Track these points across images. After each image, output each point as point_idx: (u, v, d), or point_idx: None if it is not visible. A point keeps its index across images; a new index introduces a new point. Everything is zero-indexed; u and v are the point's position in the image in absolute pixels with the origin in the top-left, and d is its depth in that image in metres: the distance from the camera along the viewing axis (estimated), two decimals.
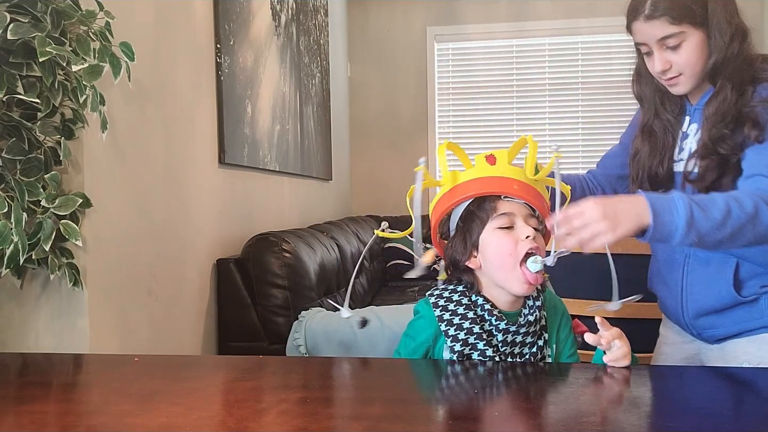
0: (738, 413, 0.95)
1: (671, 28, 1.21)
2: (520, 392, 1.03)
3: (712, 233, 1.08)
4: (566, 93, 4.61)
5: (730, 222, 1.08)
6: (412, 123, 4.77)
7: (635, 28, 1.26)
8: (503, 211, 1.12)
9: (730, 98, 1.21)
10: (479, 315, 1.14)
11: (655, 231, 1.06)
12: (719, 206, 1.09)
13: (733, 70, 1.22)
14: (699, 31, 1.22)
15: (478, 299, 1.15)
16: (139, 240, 1.78)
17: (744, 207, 1.09)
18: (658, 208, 1.07)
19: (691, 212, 1.07)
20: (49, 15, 1.32)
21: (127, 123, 1.71)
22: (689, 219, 1.06)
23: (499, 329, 1.13)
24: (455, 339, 1.13)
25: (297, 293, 2.32)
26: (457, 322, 1.13)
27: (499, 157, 1.14)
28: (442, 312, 1.15)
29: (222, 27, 2.32)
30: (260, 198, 2.77)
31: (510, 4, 4.62)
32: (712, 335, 1.32)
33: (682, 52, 1.23)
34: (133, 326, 1.74)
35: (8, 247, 1.31)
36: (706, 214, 1.07)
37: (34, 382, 1.13)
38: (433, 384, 1.12)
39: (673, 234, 1.07)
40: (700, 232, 1.07)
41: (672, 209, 1.07)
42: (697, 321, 1.32)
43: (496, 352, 1.13)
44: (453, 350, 1.13)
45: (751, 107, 1.20)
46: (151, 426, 0.86)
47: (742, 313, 1.27)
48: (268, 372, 1.16)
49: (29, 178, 1.36)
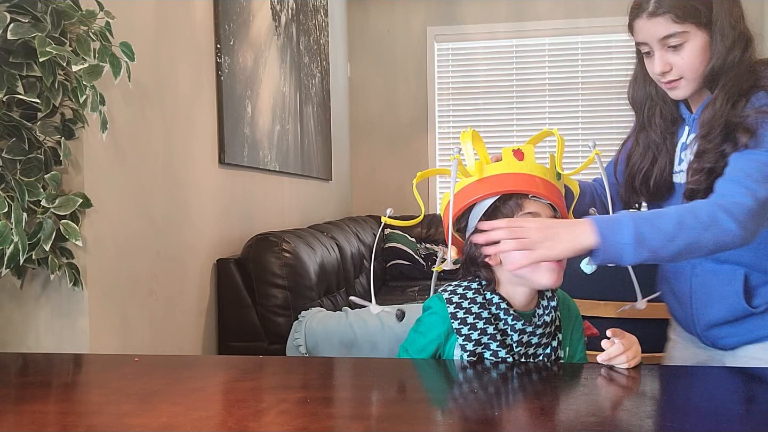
0: (751, 413, 0.95)
1: (674, 27, 1.18)
2: (521, 392, 1.03)
3: (666, 246, 1.06)
4: (566, 93, 4.61)
5: (683, 233, 1.06)
6: (412, 123, 4.77)
7: (637, 26, 1.23)
8: (529, 210, 1.11)
9: (723, 107, 1.17)
10: (494, 314, 1.13)
11: (603, 251, 1.04)
12: (671, 218, 1.07)
13: (733, 78, 1.18)
14: (702, 33, 1.18)
15: (494, 297, 1.14)
16: (139, 240, 1.78)
17: (698, 216, 1.07)
18: (603, 229, 1.05)
19: (638, 228, 1.05)
20: (49, 15, 1.32)
21: (127, 123, 1.71)
22: (637, 235, 1.04)
23: (515, 329, 1.12)
24: (468, 339, 1.12)
25: (297, 293, 2.32)
26: (471, 322, 1.12)
27: (526, 153, 1.13)
28: (456, 309, 1.13)
29: (222, 27, 2.32)
30: (260, 198, 2.77)
31: (510, 4, 4.62)
32: (726, 344, 1.29)
33: (683, 54, 1.19)
34: (133, 326, 1.74)
35: (8, 247, 1.30)
36: (655, 227, 1.06)
37: (35, 382, 1.13)
38: (433, 384, 1.12)
39: (622, 253, 1.05)
40: (652, 246, 1.05)
41: (617, 228, 1.05)
42: (709, 332, 1.30)
43: (510, 352, 1.12)
44: (465, 349, 1.12)
45: (742, 117, 1.15)
46: (151, 426, 0.86)
47: (756, 322, 1.24)
48: (268, 372, 1.16)
49: (29, 178, 1.36)
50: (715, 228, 1.06)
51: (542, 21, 4.58)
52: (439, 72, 4.77)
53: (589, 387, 1.06)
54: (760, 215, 1.09)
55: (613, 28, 4.40)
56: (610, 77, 4.49)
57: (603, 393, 1.04)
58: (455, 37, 4.71)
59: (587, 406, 0.95)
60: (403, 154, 4.72)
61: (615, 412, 0.95)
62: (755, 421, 0.91)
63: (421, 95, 4.76)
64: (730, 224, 1.06)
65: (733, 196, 1.10)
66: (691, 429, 0.85)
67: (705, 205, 1.09)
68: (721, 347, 1.31)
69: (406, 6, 4.74)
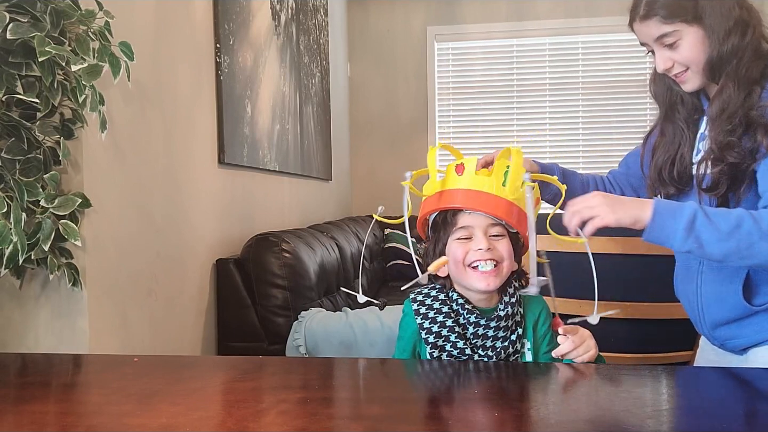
0: (753, 413, 0.95)
1: (665, 27, 1.20)
2: (521, 392, 1.03)
3: (716, 243, 1.07)
4: (566, 92, 4.60)
5: (738, 235, 1.07)
6: (412, 123, 4.77)
7: (635, 29, 1.26)
8: (462, 224, 1.19)
9: (735, 97, 1.16)
10: (454, 310, 1.21)
11: (655, 229, 1.08)
12: (731, 218, 1.08)
13: (736, 65, 1.17)
14: (694, 28, 1.19)
15: (454, 294, 1.22)
16: (139, 240, 1.78)
17: (760, 223, 1.07)
18: (661, 209, 1.09)
19: (694, 217, 1.07)
20: (49, 15, 1.31)
21: (127, 123, 1.71)
22: (689, 224, 1.07)
23: (470, 322, 1.19)
24: (429, 331, 1.20)
25: (297, 293, 2.32)
26: (432, 316, 1.21)
27: (467, 167, 1.18)
28: (419, 306, 1.23)
29: (222, 27, 2.32)
30: (260, 198, 2.76)
31: (510, 3, 4.61)
32: (735, 346, 1.28)
33: (681, 50, 1.21)
34: (133, 326, 1.74)
35: (7, 247, 1.30)
36: (711, 223, 1.07)
37: (34, 383, 1.12)
38: (433, 384, 1.12)
39: (671, 236, 1.08)
40: (702, 239, 1.07)
41: (676, 213, 1.08)
42: (716, 332, 1.29)
43: (468, 344, 1.19)
44: (427, 342, 1.19)
45: (760, 108, 1.14)
46: (151, 426, 0.86)
47: (761, 322, 1.23)
48: (267, 372, 1.16)
49: (28, 178, 1.36)
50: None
51: (542, 20, 4.57)
52: (439, 72, 4.76)
53: (589, 387, 1.06)
54: None
55: (613, 27, 4.39)
56: (610, 77, 4.49)
57: (603, 393, 1.04)
58: (455, 37, 4.71)
59: (587, 407, 0.95)
60: (403, 154, 4.71)
61: (615, 412, 0.95)
62: (756, 421, 0.90)
63: (421, 95, 4.76)
64: None
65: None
66: (692, 429, 0.85)
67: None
68: (731, 350, 1.29)
69: (406, 5, 4.74)
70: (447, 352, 1.19)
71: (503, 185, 1.16)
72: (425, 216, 1.26)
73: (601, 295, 1.08)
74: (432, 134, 4.75)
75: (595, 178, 1.55)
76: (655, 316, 1.80)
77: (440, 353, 1.19)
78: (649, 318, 1.80)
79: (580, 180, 1.52)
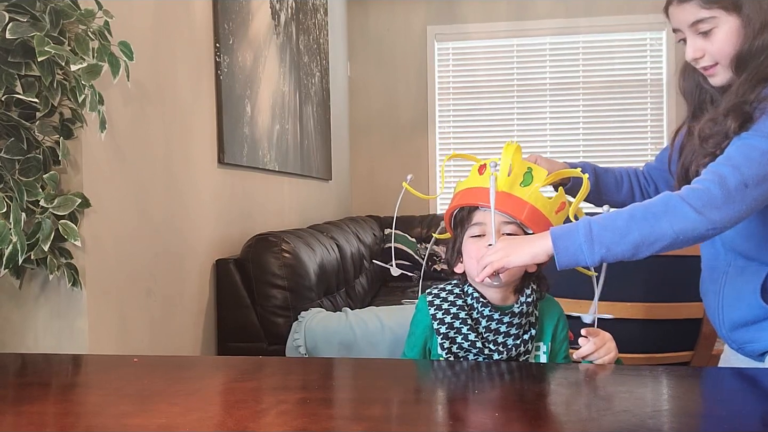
0: (754, 414, 0.95)
1: (702, 12, 1.17)
2: (522, 393, 1.03)
3: (620, 242, 1.07)
4: (567, 92, 4.60)
5: (635, 226, 1.07)
6: (412, 123, 4.76)
7: (670, 13, 1.23)
8: (476, 221, 1.22)
9: (744, 93, 1.14)
10: (468, 303, 1.23)
11: (560, 254, 1.08)
12: (623, 214, 1.09)
13: (759, 63, 1.14)
14: (732, 17, 1.16)
15: (468, 288, 1.24)
16: (138, 240, 1.77)
17: (649, 208, 1.08)
18: (557, 235, 1.09)
19: (589, 228, 1.08)
20: (48, 14, 1.31)
21: (126, 123, 1.71)
22: (587, 234, 1.07)
23: (483, 315, 1.20)
24: (442, 322, 1.22)
25: (297, 293, 2.31)
26: (446, 307, 1.23)
27: (488, 167, 1.20)
28: (433, 298, 1.25)
29: (221, 26, 2.32)
30: (260, 198, 2.76)
31: (510, 3, 4.61)
32: (753, 350, 1.25)
33: (714, 39, 1.18)
34: (132, 327, 1.74)
35: (7, 247, 1.30)
36: (607, 225, 1.08)
37: (33, 383, 1.12)
38: (433, 384, 1.12)
39: (578, 253, 1.08)
40: (605, 243, 1.07)
41: (570, 232, 1.09)
42: (733, 334, 1.27)
43: (479, 337, 1.20)
44: (439, 333, 1.21)
45: (754, 103, 1.13)
46: (150, 426, 0.86)
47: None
48: (267, 373, 1.16)
49: (28, 178, 1.35)
50: (670, 216, 1.07)
51: (543, 20, 4.57)
52: (439, 71, 4.76)
53: (590, 388, 1.05)
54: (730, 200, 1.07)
55: (614, 27, 4.40)
56: (611, 76, 4.49)
57: (603, 394, 1.04)
58: (455, 37, 4.71)
59: (588, 407, 0.95)
60: (403, 153, 4.71)
61: (616, 413, 0.95)
62: (757, 422, 0.90)
63: (421, 95, 4.76)
64: (685, 210, 1.06)
65: (696, 182, 1.10)
66: (692, 430, 0.85)
67: (661, 196, 1.10)
68: (749, 354, 1.27)
69: (407, 5, 4.74)
70: (458, 344, 1.20)
71: (521, 185, 1.18)
72: (449, 214, 1.29)
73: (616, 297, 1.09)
74: (432, 134, 4.75)
75: (629, 173, 1.52)
76: (660, 316, 1.79)
77: (451, 345, 1.20)
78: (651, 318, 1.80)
79: (614, 177, 1.50)
